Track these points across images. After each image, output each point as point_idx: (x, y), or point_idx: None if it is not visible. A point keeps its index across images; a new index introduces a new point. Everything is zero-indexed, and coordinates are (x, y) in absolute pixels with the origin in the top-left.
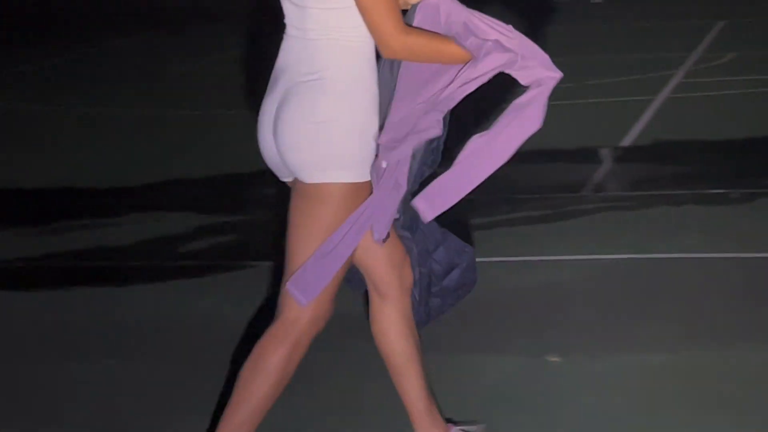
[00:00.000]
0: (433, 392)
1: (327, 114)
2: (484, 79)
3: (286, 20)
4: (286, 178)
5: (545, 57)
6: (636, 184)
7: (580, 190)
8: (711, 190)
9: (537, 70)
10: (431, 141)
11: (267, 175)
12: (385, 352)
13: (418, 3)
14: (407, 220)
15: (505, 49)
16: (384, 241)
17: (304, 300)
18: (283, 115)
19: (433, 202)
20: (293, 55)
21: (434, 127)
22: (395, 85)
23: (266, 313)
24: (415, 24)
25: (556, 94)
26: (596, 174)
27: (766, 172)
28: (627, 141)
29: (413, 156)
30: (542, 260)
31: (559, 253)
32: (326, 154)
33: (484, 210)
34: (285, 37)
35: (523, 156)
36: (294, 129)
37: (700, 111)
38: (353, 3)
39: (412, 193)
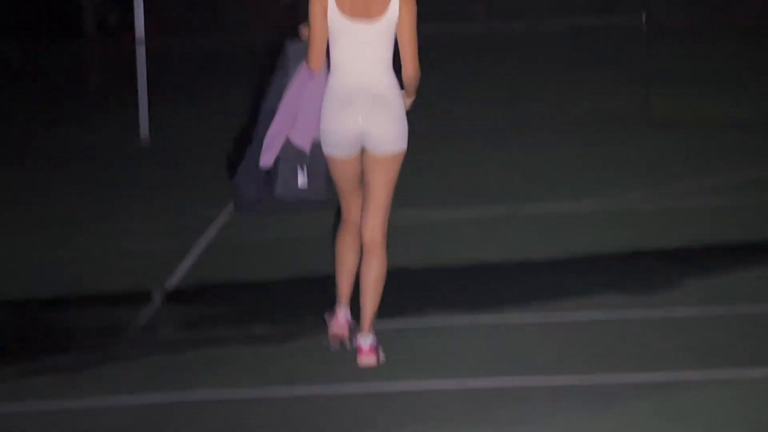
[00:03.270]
0: None
1: (403, 108)
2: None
3: (347, 57)
4: (352, 153)
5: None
6: (185, 325)
7: (125, 332)
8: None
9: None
10: None
11: None
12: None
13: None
14: None
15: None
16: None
17: None
18: (383, 109)
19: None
20: (369, 76)
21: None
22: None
23: None
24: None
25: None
26: (142, 315)
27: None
28: (170, 284)
29: None
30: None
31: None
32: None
33: None
34: (344, 67)
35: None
36: (393, 117)
37: (246, 252)
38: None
39: None
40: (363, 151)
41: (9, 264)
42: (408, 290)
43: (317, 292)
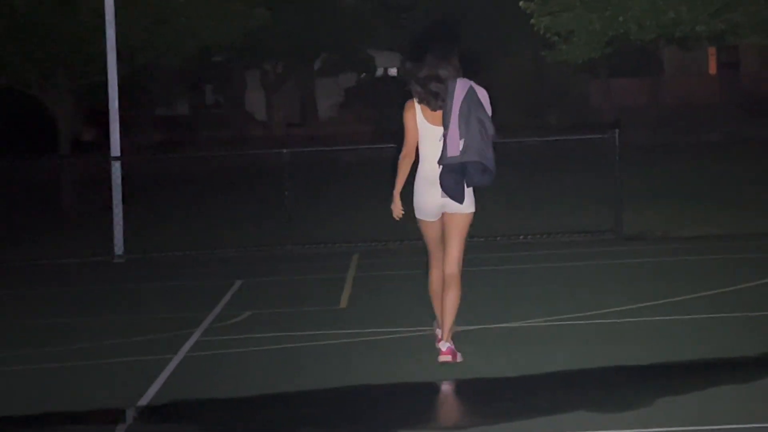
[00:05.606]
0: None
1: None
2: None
3: (430, 151)
4: (436, 218)
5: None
6: None
7: None
8: None
9: None
10: None
11: None
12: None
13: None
14: None
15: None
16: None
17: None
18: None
19: None
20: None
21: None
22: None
23: None
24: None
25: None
26: None
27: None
28: (144, 401)
29: None
30: None
31: None
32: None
33: None
34: (428, 157)
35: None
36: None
37: (218, 369)
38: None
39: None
40: (443, 215)
41: None
42: (371, 408)
43: (291, 407)
